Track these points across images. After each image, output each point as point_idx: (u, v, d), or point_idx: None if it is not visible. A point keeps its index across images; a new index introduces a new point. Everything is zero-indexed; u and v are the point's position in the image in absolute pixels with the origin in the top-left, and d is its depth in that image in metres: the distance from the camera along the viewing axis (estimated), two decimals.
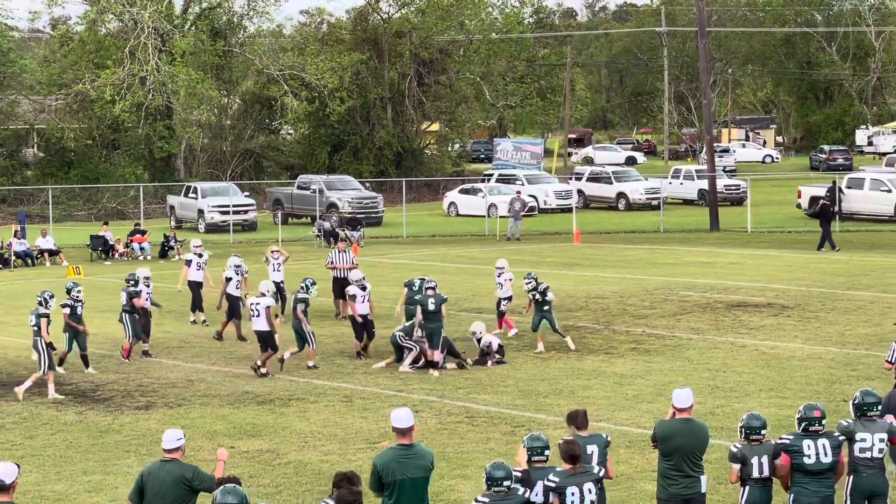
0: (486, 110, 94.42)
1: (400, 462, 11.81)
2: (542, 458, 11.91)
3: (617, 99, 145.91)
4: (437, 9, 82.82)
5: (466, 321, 28.50)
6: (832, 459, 12.52)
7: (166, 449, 12.06)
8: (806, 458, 12.47)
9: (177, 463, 11.99)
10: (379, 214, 61.18)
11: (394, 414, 12.10)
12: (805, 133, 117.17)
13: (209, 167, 76.66)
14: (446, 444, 18.60)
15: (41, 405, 22.06)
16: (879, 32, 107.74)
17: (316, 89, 73.22)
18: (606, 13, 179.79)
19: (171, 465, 11.97)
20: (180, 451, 12.05)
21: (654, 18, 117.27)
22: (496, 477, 11.20)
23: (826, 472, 12.52)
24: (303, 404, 21.73)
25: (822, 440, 12.52)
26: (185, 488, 11.86)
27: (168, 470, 11.91)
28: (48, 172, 70.89)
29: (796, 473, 12.56)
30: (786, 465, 12.57)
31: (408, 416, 12.04)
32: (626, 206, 67.09)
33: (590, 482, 11.65)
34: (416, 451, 11.93)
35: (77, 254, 48.29)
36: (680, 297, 33.67)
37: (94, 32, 73.56)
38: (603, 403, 21.30)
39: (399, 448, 11.91)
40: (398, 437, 11.99)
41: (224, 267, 29.64)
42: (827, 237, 45.47)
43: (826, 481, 12.55)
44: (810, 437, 12.53)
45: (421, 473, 11.87)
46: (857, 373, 23.41)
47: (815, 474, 12.49)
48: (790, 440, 12.57)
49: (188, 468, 11.98)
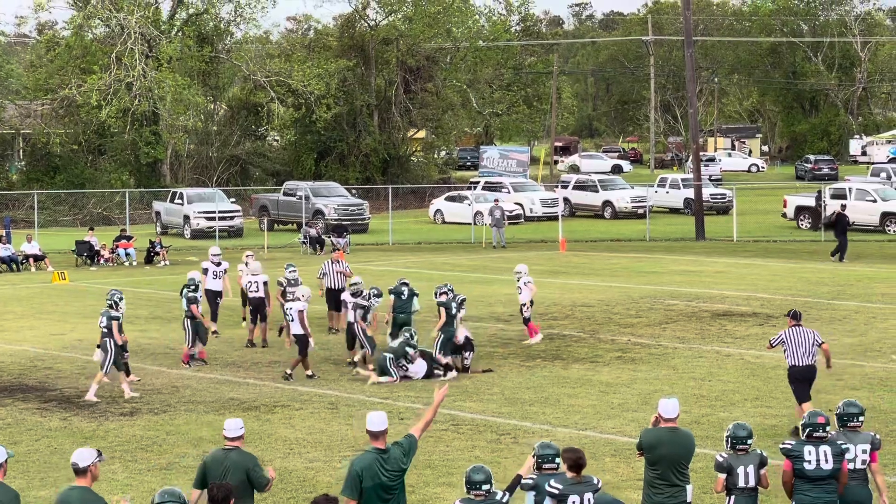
0: (472, 118, 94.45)
1: (376, 466, 11.78)
2: (552, 465, 11.85)
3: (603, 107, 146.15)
4: (424, 16, 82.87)
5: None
6: (833, 466, 12.50)
7: (228, 437, 12.48)
8: (806, 464, 12.47)
9: (238, 451, 12.42)
10: (365, 221, 61.14)
11: (368, 417, 12.07)
12: (790, 142, 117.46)
13: (195, 173, 76.54)
14: (432, 451, 18.59)
15: (25, 411, 22.01)
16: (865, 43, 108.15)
17: (302, 96, 73.20)
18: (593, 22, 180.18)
19: (233, 452, 12.39)
20: (241, 439, 12.48)
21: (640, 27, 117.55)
22: (475, 480, 11.17)
23: (827, 478, 12.49)
24: (288, 411, 21.71)
25: (824, 447, 12.51)
26: (245, 476, 12.24)
27: (231, 458, 12.33)
28: (34, 177, 70.70)
29: (797, 480, 12.56)
30: (788, 470, 12.58)
31: (382, 419, 12.00)
32: (612, 215, 67.16)
33: (590, 492, 11.66)
34: (392, 456, 11.90)
35: (62, 259, 48.20)
36: (665, 306, 33.72)
37: (80, 37, 73.39)
38: (588, 412, 21.31)
39: (376, 451, 11.90)
40: (372, 441, 11.95)
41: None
42: (841, 246, 45.14)
43: (828, 487, 12.52)
44: (812, 443, 12.53)
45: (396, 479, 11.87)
46: (842, 382, 23.45)
47: (815, 480, 12.48)
48: (792, 445, 12.59)
49: (250, 457, 12.43)
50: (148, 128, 70.47)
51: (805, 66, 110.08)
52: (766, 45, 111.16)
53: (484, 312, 32.94)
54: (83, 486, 11.13)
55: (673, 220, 63.90)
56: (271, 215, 61.78)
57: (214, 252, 30.77)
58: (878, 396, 22.25)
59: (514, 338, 28.51)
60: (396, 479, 11.84)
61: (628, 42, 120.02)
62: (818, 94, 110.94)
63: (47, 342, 29.35)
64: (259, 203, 64.18)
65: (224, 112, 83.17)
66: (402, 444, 12.01)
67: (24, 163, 74.57)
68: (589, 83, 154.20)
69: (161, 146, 72.22)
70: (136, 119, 68.71)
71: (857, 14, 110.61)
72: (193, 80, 71.66)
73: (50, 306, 35.70)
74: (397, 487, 11.87)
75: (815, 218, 54.70)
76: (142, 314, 33.62)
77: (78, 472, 11.15)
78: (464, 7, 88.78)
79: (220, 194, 60.94)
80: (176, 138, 74.40)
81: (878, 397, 22.18)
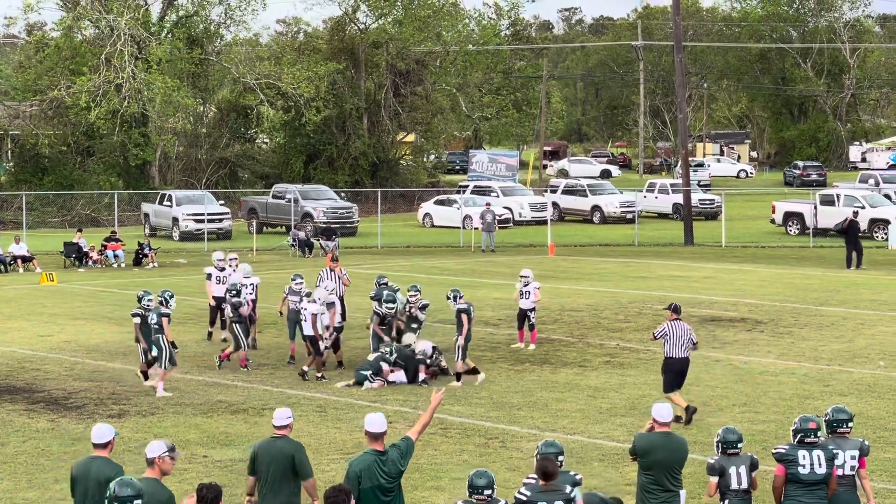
0: (461, 122, 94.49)
1: (375, 468, 11.80)
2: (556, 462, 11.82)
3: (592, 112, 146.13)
4: (414, 20, 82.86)
5: (440, 332, 28.51)
6: (826, 471, 12.53)
7: (277, 426, 12.80)
8: (801, 469, 12.48)
9: (286, 439, 12.77)
10: (354, 225, 61.13)
11: (367, 418, 12.08)
12: (779, 148, 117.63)
13: (184, 175, 76.47)
14: (420, 455, 18.56)
15: (12, 412, 21.96)
16: (854, 49, 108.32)
17: (292, 98, 73.15)
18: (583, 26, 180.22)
19: (281, 441, 12.74)
20: (289, 428, 12.82)
21: (630, 32, 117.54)
22: (478, 485, 11.11)
23: (820, 483, 12.52)
24: None
25: (817, 451, 12.54)
26: (291, 463, 12.63)
27: (278, 445, 12.68)
28: (22, 179, 70.57)
29: (790, 485, 12.56)
30: (780, 475, 12.59)
31: (381, 421, 12.03)
32: (600, 220, 67.22)
33: (560, 500, 11.44)
34: (390, 458, 11.92)
35: (51, 260, 48.13)
36: (654, 311, 33.73)
37: (70, 39, 73.27)
38: (577, 416, 21.31)
39: (374, 453, 11.91)
40: (370, 442, 11.97)
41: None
42: (858, 253, 45.06)
43: (819, 492, 12.54)
44: (805, 447, 12.55)
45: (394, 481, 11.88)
46: (830, 388, 23.50)
47: (808, 485, 12.49)
48: (786, 450, 12.60)
49: (297, 445, 12.77)
50: (137, 130, 70.37)
51: (794, 72, 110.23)
52: (755, 51, 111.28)
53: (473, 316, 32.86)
54: (151, 477, 11.58)
55: (661, 226, 63.96)
56: (260, 218, 61.76)
57: (219, 257, 30.08)
58: (866, 402, 22.28)
59: (503, 342, 28.51)
60: (394, 482, 11.89)
61: (618, 47, 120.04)
62: (807, 100, 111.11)
63: (35, 343, 29.30)
64: (248, 205, 64.15)
65: (213, 114, 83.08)
66: (399, 446, 12.05)
67: (13, 164, 74.43)
68: (578, 88, 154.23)
69: (150, 148, 72.13)
70: (126, 121, 68.59)
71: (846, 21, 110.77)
72: (183, 82, 71.56)
73: (38, 308, 35.63)
74: (395, 489, 11.91)
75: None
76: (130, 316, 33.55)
77: (148, 463, 11.67)
78: (454, 11, 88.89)
79: (209, 196, 60.92)
80: (165, 140, 74.32)
81: (867, 403, 22.22)
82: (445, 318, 32.45)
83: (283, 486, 12.63)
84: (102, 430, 12.14)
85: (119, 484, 10.74)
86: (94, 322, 32.75)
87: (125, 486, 10.71)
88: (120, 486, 10.71)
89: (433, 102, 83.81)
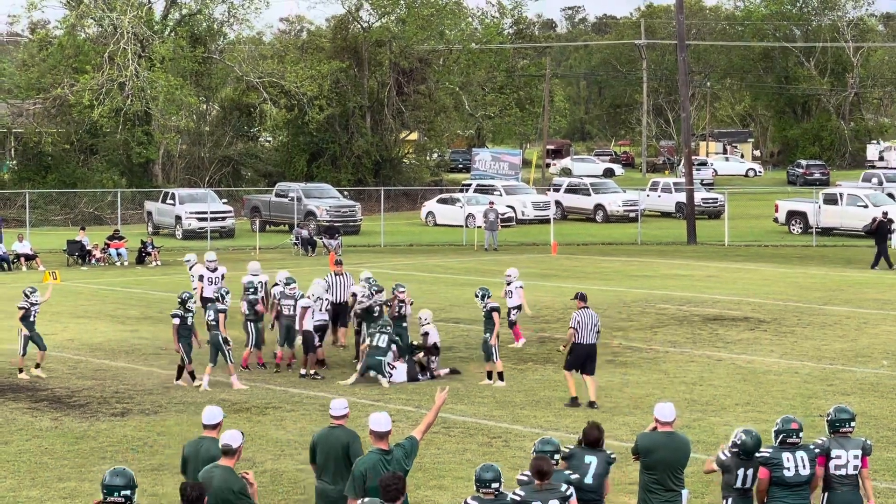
0: (464, 120, 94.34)
1: (380, 467, 11.81)
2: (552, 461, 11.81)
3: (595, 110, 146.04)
4: (417, 18, 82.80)
5: (444, 331, 28.51)
6: (810, 472, 12.56)
7: (334, 416, 13.19)
8: (786, 471, 12.50)
9: (343, 429, 13.11)
10: (356, 223, 61.11)
11: (372, 417, 12.13)
12: (782, 147, 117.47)
13: (187, 173, 76.48)
14: (423, 454, 18.54)
15: (16, 411, 21.97)
16: (857, 48, 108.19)
17: (295, 97, 73.15)
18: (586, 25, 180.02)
19: (338, 430, 13.10)
20: (346, 418, 13.19)
21: (633, 31, 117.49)
22: (485, 479, 11.08)
23: (804, 484, 12.57)
24: (279, 413, 21.69)
25: (801, 453, 12.57)
26: (347, 451, 12.93)
27: (336, 435, 13.06)
28: (25, 177, 70.59)
29: (774, 487, 12.57)
30: (765, 479, 12.60)
31: (386, 420, 12.08)
32: (603, 218, 67.19)
33: (555, 499, 11.42)
34: (395, 457, 11.94)
35: (54, 259, 48.12)
36: (657, 310, 33.73)
37: (73, 37, 73.27)
38: (580, 415, 21.30)
39: (379, 452, 11.92)
40: (375, 441, 12.01)
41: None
42: (883, 254, 44.78)
43: (803, 493, 12.58)
44: (788, 449, 12.57)
45: None
46: (833, 388, 23.49)
47: (793, 487, 12.52)
48: (770, 453, 12.59)
49: (352, 435, 13.08)
50: (140, 128, 70.39)
51: (797, 70, 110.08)
52: (758, 49, 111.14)
53: (475, 315, 32.87)
54: (226, 465, 11.86)
55: (664, 224, 63.93)
56: (263, 216, 61.78)
57: (210, 258, 29.46)
58: (869, 402, 22.27)
59: (505, 341, 28.50)
60: None
61: (621, 46, 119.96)
62: (810, 98, 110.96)
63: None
64: (251, 204, 64.16)
65: (216, 113, 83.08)
66: (403, 445, 12.10)
67: (16, 162, 74.47)
68: (581, 86, 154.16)
69: (153, 146, 72.14)
70: (129, 119, 68.63)
71: (850, 19, 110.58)
72: (186, 80, 71.54)
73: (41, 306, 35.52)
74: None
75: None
76: (133, 314, 33.62)
77: (226, 452, 11.91)
78: (457, 10, 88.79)
79: (211, 195, 60.91)
80: (168, 138, 74.35)
81: (870, 403, 22.21)
82: (447, 318, 32.48)
83: (340, 473, 12.86)
84: (213, 412, 12.83)
85: (111, 473, 10.56)
86: (97, 320, 32.76)
87: (116, 475, 10.50)
88: (111, 475, 10.53)
89: (436, 101, 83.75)
